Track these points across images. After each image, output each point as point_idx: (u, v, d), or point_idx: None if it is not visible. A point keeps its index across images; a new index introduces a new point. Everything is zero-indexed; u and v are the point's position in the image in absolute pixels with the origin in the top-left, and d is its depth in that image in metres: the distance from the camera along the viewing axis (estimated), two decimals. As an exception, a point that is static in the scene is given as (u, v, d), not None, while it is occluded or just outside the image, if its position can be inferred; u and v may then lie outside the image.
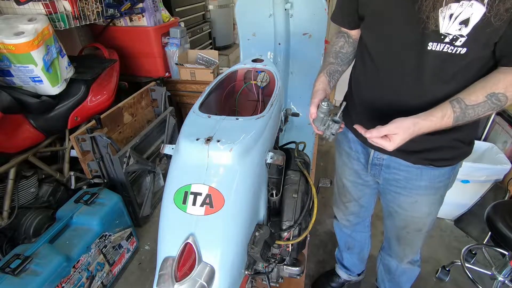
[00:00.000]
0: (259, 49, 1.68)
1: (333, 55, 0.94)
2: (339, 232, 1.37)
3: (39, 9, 1.42)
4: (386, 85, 0.82)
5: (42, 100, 1.41)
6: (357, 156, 1.03)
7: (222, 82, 1.10)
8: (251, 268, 0.76)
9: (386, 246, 1.21)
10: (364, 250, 1.37)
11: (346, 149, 1.06)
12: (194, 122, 0.78)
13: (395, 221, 1.05)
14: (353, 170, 1.07)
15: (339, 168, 1.14)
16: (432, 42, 0.68)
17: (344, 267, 1.45)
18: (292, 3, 1.49)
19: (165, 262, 0.63)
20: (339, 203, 1.24)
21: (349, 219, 1.25)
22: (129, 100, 1.81)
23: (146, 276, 1.59)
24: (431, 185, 0.90)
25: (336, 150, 1.16)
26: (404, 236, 1.07)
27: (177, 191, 0.67)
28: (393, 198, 0.99)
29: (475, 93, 0.67)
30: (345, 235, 1.33)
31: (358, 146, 1.01)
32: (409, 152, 0.85)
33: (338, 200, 1.24)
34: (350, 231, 1.30)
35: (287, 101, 1.89)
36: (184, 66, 2.18)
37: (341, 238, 1.38)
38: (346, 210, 1.22)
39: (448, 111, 0.67)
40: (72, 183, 1.61)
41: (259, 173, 0.75)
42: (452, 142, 0.83)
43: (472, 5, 0.61)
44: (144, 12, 2.01)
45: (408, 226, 1.02)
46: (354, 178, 1.09)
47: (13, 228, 1.41)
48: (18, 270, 1.08)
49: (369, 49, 0.84)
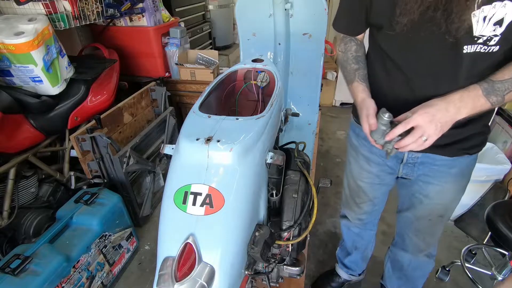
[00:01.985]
0: (259, 49, 1.68)
1: (353, 60, 0.90)
2: (347, 232, 1.35)
3: (39, 9, 1.42)
4: (418, 92, 0.80)
5: (42, 100, 1.41)
6: (380, 160, 1.01)
7: (222, 82, 1.10)
8: (251, 268, 0.76)
9: (399, 241, 1.20)
10: (368, 248, 1.37)
11: (366, 154, 1.04)
12: (194, 122, 0.78)
13: (417, 212, 1.04)
14: (372, 174, 1.06)
15: (355, 171, 1.12)
16: (467, 45, 0.69)
17: (345, 267, 1.44)
18: (292, 3, 1.49)
19: (165, 262, 0.63)
20: (352, 205, 1.22)
21: (361, 218, 1.24)
22: (129, 100, 1.81)
23: (146, 276, 1.59)
24: (461, 172, 0.92)
25: (349, 154, 1.14)
26: (425, 226, 1.06)
27: (177, 191, 0.67)
28: (420, 188, 0.98)
29: (500, 73, 0.69)
30: (353, 234, 1.32)
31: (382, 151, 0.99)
32: (444, 146, 0.85)
33: (351, 202, 1.22)
34: (359, 230, 1.29)
35: (287, 101, 1.89)
36: (184, 66, 2.18)
37: (348, 238, 1.36)
38: (360, 210, 1.21)
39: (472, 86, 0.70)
40: (72, 183, 1.61)
41: (259, 173, 0.75)
42: (482, 128, 0.86)
43: (506, 5, 0.62)
44: (144, 12, 2.01)
45: (432, 214, 1.01)
46: (371, 180, 1.08)
47: (13, 228, 1.41)
48: (18, 270, 1.08)
49: (394, 59, 0.82)
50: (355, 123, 1.06)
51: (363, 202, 1.17)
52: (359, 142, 1.05)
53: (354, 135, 1.08)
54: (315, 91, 1.77)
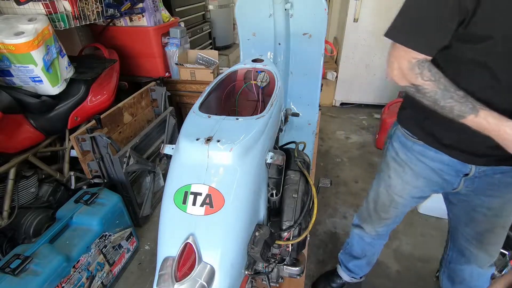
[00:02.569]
0: (259, 49, 1.68)
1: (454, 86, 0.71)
2: (358, 240, 1.32)
3: (39, 9, 1.42)
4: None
5: (42, 100, 1.41)
6: (434, 176, 0.96)
7: (222, 82, 1.10)
8: (251, 268, 0.76)
9: (457, 257, 1.12)
10: (375, 255, 1.36)
11: (417, 170, 0.97)
12: (194, 122, 0.78)
13: (479, 226, 0.98)
14: (418, 189, 1.01)
15: (398, 186, 1.05)
16: None
17: (348, 270, 1.43)
18: (292, 3, 1.49)
19: (165, 262, 0.63)
20: (374, 219, 1.18)
21: (378, 231, 1.22)
22: (129, 100, 1.81)
23: (146, 276, 1.59)
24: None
25: (388, 168, 1.06)
26: (489, 238, 1.00)
27: (177, 191, 0.67)
28: (482, 202, 0.93)
29: None
30: (365, 243, 1.30)
31: (443, 166, 0.92)
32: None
33: (374, 215, 1.17)
34: (371, 240, 1.27)
35: (287, 101, 1.89)
36: (184, 66, 2.18)
37: (358, 246, 1.33)
38: (380, 224, 1.18)
39: None
40: (72, 183, 1.61)
41: (259, 173, 0.75)
42: None
43: None
44: (144, 12, 2.01)
45: (496, 226, 0.96)
46: (413, 195, 1.04)
47: (13, 228, 1.41)
48: (18, 270, 1.08)
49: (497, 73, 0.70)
50: (405, 136, 0.97)
51: (388, 218, 1.13)
52: (411, 156, 0.97)
53: (404, 149, 0.99)
54: (315, 91, 1.77)
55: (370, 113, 3.28)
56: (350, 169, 2.40)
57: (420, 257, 1.66)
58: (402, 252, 1.70)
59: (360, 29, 2.86)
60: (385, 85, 3.15)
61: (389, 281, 1.54)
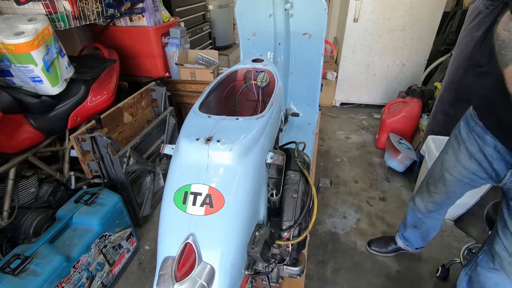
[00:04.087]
0: (259, 49, 1.69)
1: None
2: (411, 213, 1.35)
3: (39, 9, 1.42)
4: None
5: (42, 100, 1.41)
6: (486, 162, 0.97)
7: (222, 82, 1.10)
8: (251, 268, 0.76)
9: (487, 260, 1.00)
10: (430, 232, 1.36)
11: (472, 150, 0.99)
12: (194, 122, 0.78)
13: None
14: (468, 170, 1.02)
15: (448, 162, 1.07)
16: None
17: (404, 238, 1.47)
18: (292, 3, 1.49)
19: (165, 262, 0.63)
20: (424, 191, 1.20)
21: (428, 207, 1.22)
22: (129, 100, 1.81)
23: (146, 276, 1.59)
24: None
25: (450, 144, 1.09)
26: None
27: (177, 191, 0.67)
28: None
29: None
30: (415, 217, 1.31)
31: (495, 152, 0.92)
32: None
33: (425, 188, 1.19)
34: (422, 216, 1.28)
35: (287, 101, 1.89)
36: (184, 66, 2.18)
37: (410, 218, 1.37)
38: (430, 199, 1.19)
39: None
40: (72, 183, 1.61)
41: (259, 173, 0.75)
42: None
43: None
44: (144, 12, 2.01)
45: None
46: (462, 176, 1.05)
47: (13, 228, 1.41)
48: (18, 270, 1.08)
49: None
50: (473, 117, 1.00)
51: (437, 193, 1.14)
52: (470, 136, 1.00)
53: (467, 128, 1.02)
54: (315, 91, 1.77)
55: (370, 113, 3.28)
56: (350, 169, 2.40)
57: (420, 257, 1.66)
58: (402, 252, 1.70)
59: (360, 29, 2.86)
60: (385, 85, 3.15)
61: (389, 281, 1.54)
